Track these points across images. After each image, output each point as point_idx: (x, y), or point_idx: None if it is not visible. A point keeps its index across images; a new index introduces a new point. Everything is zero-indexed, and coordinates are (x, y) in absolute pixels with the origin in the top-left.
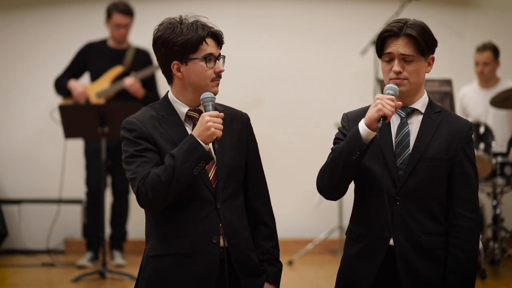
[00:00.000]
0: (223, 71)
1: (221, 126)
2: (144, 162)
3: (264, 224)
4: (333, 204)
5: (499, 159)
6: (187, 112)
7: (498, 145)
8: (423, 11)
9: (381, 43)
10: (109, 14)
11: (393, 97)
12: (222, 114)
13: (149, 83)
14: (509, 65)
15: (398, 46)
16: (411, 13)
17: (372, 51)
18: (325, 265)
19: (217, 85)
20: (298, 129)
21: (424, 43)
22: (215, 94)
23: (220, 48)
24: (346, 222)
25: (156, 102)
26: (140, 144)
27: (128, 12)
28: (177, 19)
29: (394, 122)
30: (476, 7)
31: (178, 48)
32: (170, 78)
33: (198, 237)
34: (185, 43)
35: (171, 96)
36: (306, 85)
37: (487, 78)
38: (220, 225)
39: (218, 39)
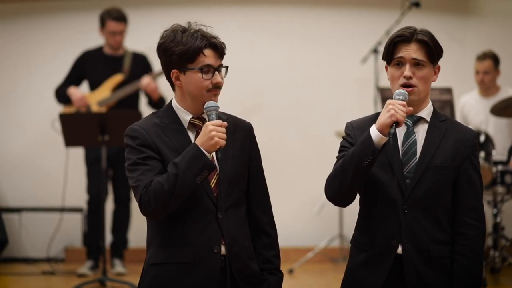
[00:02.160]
0: (220, 83)
1: (224, 136)
2: (147, 170)
3: (265, 233)
4: (334, 212)
5: (500, 167)
6: (190, 120)
7: (499, 154)
8: (424, 19)
9: (391, 49)
10: (102, 22)
11: (404, 102)
12: (225, 123)
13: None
14: (510, 72)
15: (410, 51)
16: (412, 21)
17: (372, 59)
18: (325, 274)
19: (215, 95)
20: (298, 134)
21: (435, 49)
22: None
23: (221, 59)
24: (346, 230)
25: (160, 110)
26: (143, 152)
27: (122, 18)
28: (181, 27)
29: (401, 130)
30: (477, 15)
31: (176, 58)
32: (172, 85)
33: (199, 247)
34: (182, 53)
35: (174, 103)
36: (307, 90)
37: (487, 86)
38: (221, 234)
39: (218, 50)
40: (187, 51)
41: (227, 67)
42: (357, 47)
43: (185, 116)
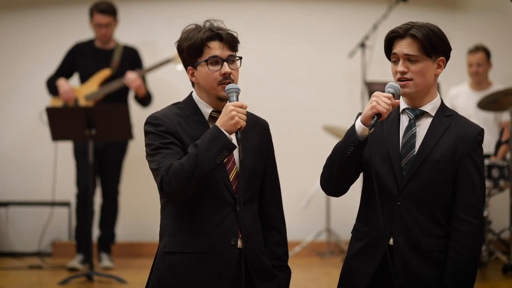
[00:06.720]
0: (228, 73)
1: (245, 117)
2: (170, 154)
3: (277, 230)
4: (321, 206)
5: (487, 161)
6: (211, 113)
7: (486, 147)
8: (411, 13)
9: (388, 45)
10: (90, 14)
11: (390, 95)
12: (246, 104)
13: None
14: (498, 66)
15: (402, 47)
16: (399, 15)
17: (360, 53)
18: (312, 268)
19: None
20: (286, 129)
21: (428, 43)
22: (222, 99)
23: (233, 50)
24: (334, 224)
25: (180, 102)
26: (166, 137)
27: (107, 11)
28: (195, 25)
29: (404, 123)
30: (464, 9)
31: (187, 54)
32: (192, 82)
33: (216, 238)
34: (189, 48)
35: (195, 96)
36: (295, 85)
37: (481, 79)
38: (239, 227)
39: (225, 41)
40: (193, 45)
41: (240, 58)
42: (344, 41)
43: (206, 109)
